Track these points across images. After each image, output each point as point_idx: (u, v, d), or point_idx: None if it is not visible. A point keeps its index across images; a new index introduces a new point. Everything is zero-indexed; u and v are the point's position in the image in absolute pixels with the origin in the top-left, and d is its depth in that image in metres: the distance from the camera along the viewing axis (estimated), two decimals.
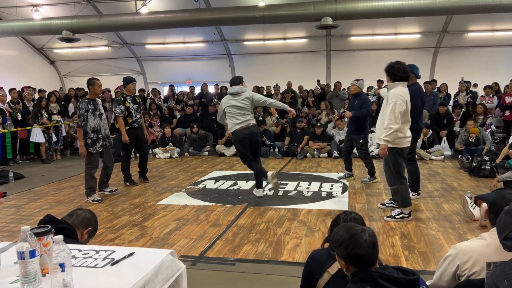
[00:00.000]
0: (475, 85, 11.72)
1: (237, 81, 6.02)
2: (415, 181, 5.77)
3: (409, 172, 5.71)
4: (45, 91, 11.40)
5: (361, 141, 6.93)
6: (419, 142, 8.45)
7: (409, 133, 4.74)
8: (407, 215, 4.84)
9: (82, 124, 6.01)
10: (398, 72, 4.66)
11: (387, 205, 5.34)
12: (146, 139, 7.60)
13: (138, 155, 7.57)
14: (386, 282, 1.68)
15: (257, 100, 5.98)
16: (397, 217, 4.84)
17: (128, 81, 7.00)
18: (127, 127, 6.90)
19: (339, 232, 1.87)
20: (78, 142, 6.13)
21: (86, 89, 12.24)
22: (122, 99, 6.93)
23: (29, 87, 11.40)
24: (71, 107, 11.60)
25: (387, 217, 4.92)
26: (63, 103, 11.50)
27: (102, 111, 6.31)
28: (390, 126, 4.55)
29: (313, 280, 2.05)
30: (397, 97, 4.53)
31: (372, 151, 8.92)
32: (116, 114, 6.88)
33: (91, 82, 6.19)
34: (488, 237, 2.09)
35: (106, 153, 6.35)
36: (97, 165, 6.23)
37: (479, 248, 2.06)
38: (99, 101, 6.35)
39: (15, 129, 9.51)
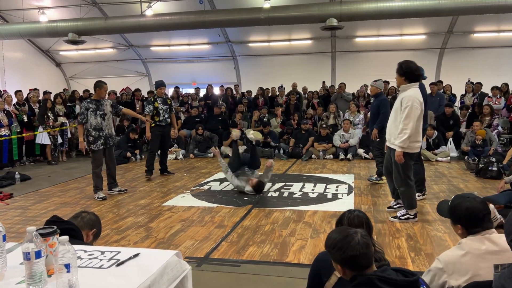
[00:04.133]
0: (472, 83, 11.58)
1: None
2: (420, 181, 5.70)
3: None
4: (50, 93, 11.45)
5: (377, 139, 6.88)
6: (424, 143, 8.40)
7: (420, 138, 4.66)
8: (412, 216, 4.81)
9: (82, 122, 6.33)
10: (416, 71, 4.56)
11: (394, 207, 5.28)
12: (173, 137, 8.57)
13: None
14: (385, 284, 1.65)
15: None
16: (402, 217, 4.82)
17: (158, 85, 7.89)
18: (153, 125, 7.65)
19: (332, 235, 1.85)
20: (79, 138, 6.55)
21: (91, 91, 12.49)
22: (153, 99, 7.74)
23: (35, 89, 11.46)
24: (77, 109, 11.62)
25: (392, 217, 4.90)
26: (68, 104, 11.54)
27: (107, 111, 6.42)
28: (405, 131, 4.44)
29: (320, 282, 2.03)
30: (413, 100, 4.41)
31: None
32: (145, 113, 7.70)
33: (98, 84, 6.47)
34: (467, 246, 2.11)
35: (108, 153, 6.49)
36: (100, 163, 6.42)
37: (461, 258, 2.08)
38: (104, 101, 6.48)
39: (22, 135, 9.58)
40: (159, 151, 8.15)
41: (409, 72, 4.54)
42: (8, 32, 12.45)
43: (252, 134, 7.09)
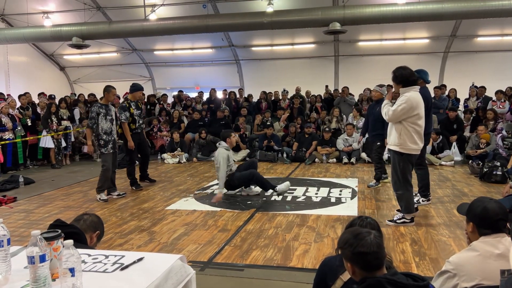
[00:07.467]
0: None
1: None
2: (425, 186, 5.72)
3: (418, 178, 5.68)
4: (55, 98, 11.49)
5: (378, 143, 6.91)
6: (428, 148, 8.38)
7: (420, 141, 4.66)
8: (408, 221, 4.81)
9: (92, 126, 6.39)
10: (411, 76, 4.60)
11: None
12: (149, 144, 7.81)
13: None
14: None
15: None
16: (398, 221, 4.83)
17: (136, 88, 7.18)
18: (131, 133, 7.01)
19: (344, 234, 1.86)
20: (87, 142, 6.65)
21: (96, 94, 12.55)
22: (127, 105, 7.09)
23: (42, 93, 11.49)
24: (77, 112, 11.46)
25: (388, 221, 4.91)
26: (73, 108, 11.54)
27: (114, 117, 6.57)
28: (389, 112, 4.57)
29: (326, 286, 2.02)
30: (407, 99, 4.49)
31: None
32: (122, 121, 6.95)
33: (107, 89, 6.48)
34: (479, 248, 2.09)
35: (113, 158, 6.60)
36: (109, 166, 6.45)
37: (472, 259, 2.07)
38: (112, 107, 6.62)
39: (26, 138, 9.62)
40: (141, 158, 7.64)
41: (404, 80, 4.59)
42: (12, 36, 12.54)
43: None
